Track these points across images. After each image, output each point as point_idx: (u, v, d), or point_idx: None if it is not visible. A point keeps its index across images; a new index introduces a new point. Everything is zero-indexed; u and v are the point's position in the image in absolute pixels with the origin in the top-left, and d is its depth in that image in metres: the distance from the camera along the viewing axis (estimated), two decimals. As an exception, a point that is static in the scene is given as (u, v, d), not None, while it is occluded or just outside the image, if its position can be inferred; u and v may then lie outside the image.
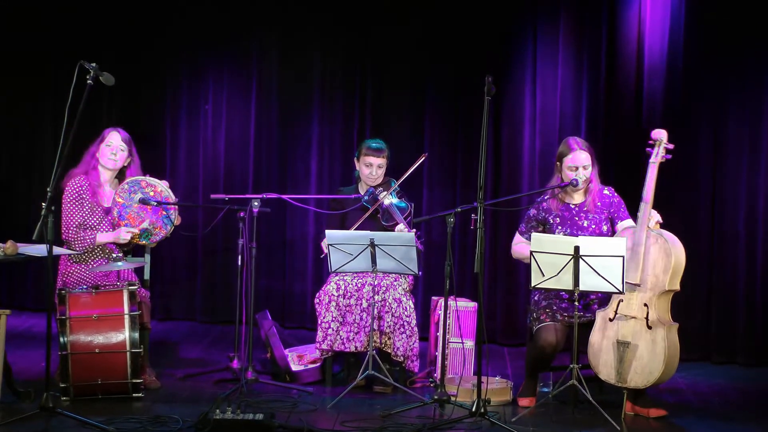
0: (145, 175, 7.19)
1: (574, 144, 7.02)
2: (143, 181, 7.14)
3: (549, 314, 6.90)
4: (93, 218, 7.16)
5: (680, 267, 6.67)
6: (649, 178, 6.76)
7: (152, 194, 7.13)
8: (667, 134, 6.85)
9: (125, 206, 7.12)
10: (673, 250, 6.63)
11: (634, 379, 6.62)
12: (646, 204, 6.70)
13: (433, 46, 9.01)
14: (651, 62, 8.52)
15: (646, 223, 6.68)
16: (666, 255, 6.63)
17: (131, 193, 7.12)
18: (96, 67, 6.37)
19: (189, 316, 9.49)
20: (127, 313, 6.78)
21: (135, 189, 7.12)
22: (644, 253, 6.65)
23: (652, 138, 6.85)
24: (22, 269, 9.55)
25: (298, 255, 9.30)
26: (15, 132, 9.60)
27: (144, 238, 7.17)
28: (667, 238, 6.67)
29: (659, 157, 6.81)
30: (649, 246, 6.67)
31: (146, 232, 7.13)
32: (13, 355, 7.08)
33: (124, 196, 7.12)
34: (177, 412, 6.44)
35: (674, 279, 6.65)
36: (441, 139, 9.05)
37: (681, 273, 6.68)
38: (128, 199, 7.11)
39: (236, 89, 9.37)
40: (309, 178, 9.26)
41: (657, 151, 6.82)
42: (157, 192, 7.14)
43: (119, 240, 7.11)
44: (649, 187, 6.74)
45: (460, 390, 6.86)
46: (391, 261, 6.98)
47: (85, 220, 7.14)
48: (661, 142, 6.83)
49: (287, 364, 7.45)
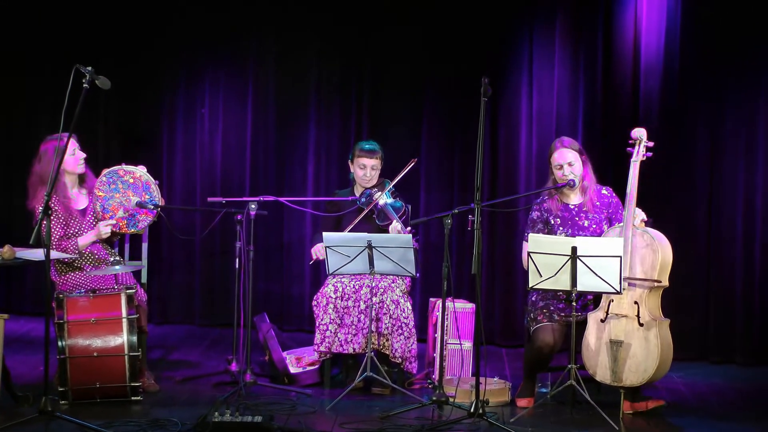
0: (120, 164, 7.17)
1: (558, 143, 7.09)
2: (120, 170, 7.11)
3: (546, 315, 6.90)
4: (72, 227, 7.14)
5: (668, 263, 6.69)
6: (632, 177, 6.80)
7: (132, 181, 7.08)
8: (646, 132, 6.90)
9: (107, 198, 7.10)
10: (659, 247, 6.66)
11: (630, 377, 6.63)
12: (630, 202, 6.74)
13: (431, 48, 9.01)
14: (647, 62, 8.53)
15: (632, 221, 6.71)
16: (653, 252, 6.65)
17: (110, 184, 7.09)
18: (92, 70, 6.36)
19: (187, 320, 9.48)
20: (125, 317, 6.78)
21: (114, 179, 7.09)
22: (631, 252, 6.67)
23: (631, 137, 6.90)
24: (20, 274, 9.55)
25: (295, 258, 9.30)
26: (11, 135, 9.58)
27: (132, 227, 7.14)
28: (653, 235, 6.69)
29: (640, 155, 6.87)
30: (635, 244, 6.69)
31: (132, 220, 7.10)
32: (11, 360, 7.08)
33: (104, 188, 7.10)
34: (176, 415, 6.44)
35: (663, 275, 6.68)
36: (438, 141, 9.06)
37: (669, 269, 6.71)
38: (108, 191, 7.09)
39: (233, 92, 9.36)
40: (306, 181, 9.26)
41: (638, 150, 6.88)
42: (137, 178, 7.10)
43: (101, 235, 7.08)
44: (633, 186, 6.77)
45: (458, 391, 6.87)
46: (388, 263, 6.98)
47: (66, 231, 7.12)
48: (641, 140, 6.89)
49: (285, 367, 7.45)
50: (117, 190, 7.09)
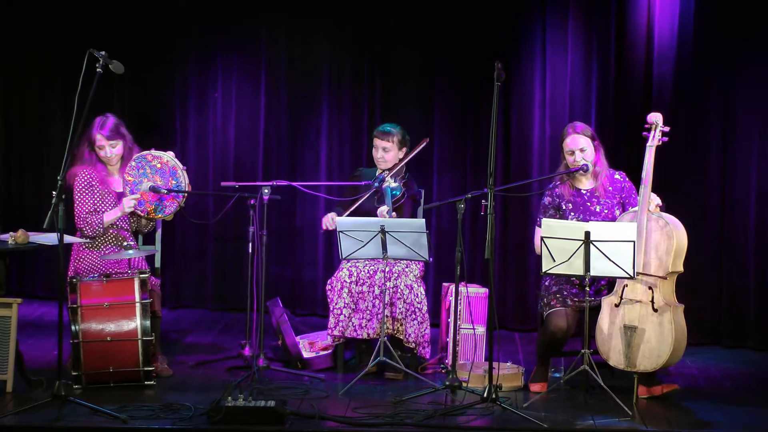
0: (150, 149, 7.18)
1: (570, 128, 7.07)
2: (149, 155, 7.14)
3: (560, 299, 6.90)
4: (105, 204, 7.17)
5: (683, 248, 6.67)
6: (647, 162, 6.78)
7: (159, 166, 7.10)
8: (662, 117, 6.86)
9: (136, 183, 7.12)
10: (674, 232, 6.64)
11: (643, 362, 6.62)
12: (646, 187, 6.72)
13: (443, 32, 8.99)
14: (660, 47, 8.50)
15: (647, 206, 6.69)
16: (668, 237, 6.63)
17: (139, 169, 7.11)
18: (105, 55, 6.37)
19: (200, 304, 9.49)
20: (138, 301, 6.80)
21: (142, 164, 7.12)
22: (646, 237, 6.65)
23: (647, 122, 6.87)
24: (33, 258, 9.57)
25: (308, 242, 9.30)
26: (24, 121, 9.59)
27: (159, 212, 7.17)
28: (668, 221, 6.67)
29: (656, 140, 6.84)
30: (650, 229, 6.67)
31: (160, 205, 7.13)
32: (24, 344, 7.10)
33: (133, 173, 7.12)
34: (189, 399, 6.46)
35: (677, 260, 6.66)
36: (451, 126, 9.04)
37: (684, 254, 6.69)
38: (137, 176, 7.11)
39: (245, 76, 9.35)
40: (318, 165, 9.26)
41: (653, 135, 6.85)
42: (164, 163, 7.12)
43: (125, 209, 7.10)
44: (648, 171, 6.75)
45: (471, 376, 6.87)
46: (401, 247, 6.98)
47: (96, 207, 7.15)
48: (657, 125, 6.86)
49: (299, 351, 7.46)
50: (145, 175, 7.11)
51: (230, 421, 6.00)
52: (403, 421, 6.19)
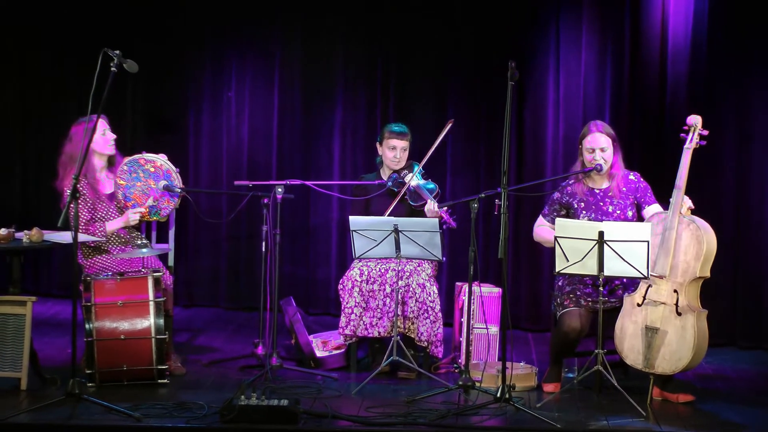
0: (141, 153, 7.18)
1: (593, 126, 7.02)
2: (141, 159, 7.12)
3: (573, 300, 6.88)
4: (100, 211, 7.16)
5: (712, 254, 6.62)
6: (683, 164, 6.70)
7: (152, 170, 7.10)
8: (701, 120, 6.79)
9: (128, 187, 7.11)
10: (705, 237, 6.59)
11: (662, 365, 6.59)
12: (679, 190, 6.65)
13: (457, 31, 8.98)
14: (675, 46, 8.48)
15: (679, 209, 6.64)
16: (698, 242, 6.59)
17: (131, 173, 7.10)
18: (119, 54, 6.38)
19: (213, 303, 9.50)
20: (152, 300, 6.80)
21: (134, 168, 7.10)
22: (675, 239, 6.61)
23: (687, 124, 6.79)
24: (48, 256, 9.59)
25: (321, 241, 9.31)
26: (39, 121, 9.61)
27: (154, 215, 7.16)
28: (699, 225, 6.63)
29: (694, 143, 6.75)
30: (680, 232, 6.63)
31: (154, 208, 7.12)
32: (39, 342, 7.12)
33: (125, 177, 7.11)
34: (202, 398, 6.47)
35: (705, 266, 6.61)
36: (464, 125, 9.02)
37: (712, 260, 6.64)
38: (129, 180, 7.10)
39: (259, 75, 9.36)
40: (332, 164, 9.26)
41: (691, 137, 6.76)
42: (158, 167, 7.12)
43: (129, 222, 7.10)
44: (683, 173, 6.68)
45: (484, 376, 6.87)
46: (415, 247, 6.97)
47: (92, 216, 7.13)
48: (696, 127, 6.76)
49: (312, 350, 7.46)
50: (138, 179, 7.10)
51: (243, 419, 5.99)
52: (416, 421, 6.18)
